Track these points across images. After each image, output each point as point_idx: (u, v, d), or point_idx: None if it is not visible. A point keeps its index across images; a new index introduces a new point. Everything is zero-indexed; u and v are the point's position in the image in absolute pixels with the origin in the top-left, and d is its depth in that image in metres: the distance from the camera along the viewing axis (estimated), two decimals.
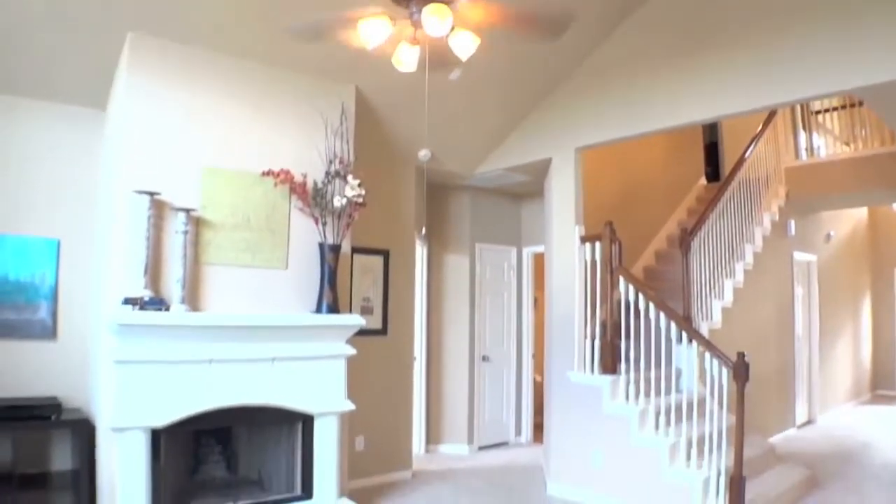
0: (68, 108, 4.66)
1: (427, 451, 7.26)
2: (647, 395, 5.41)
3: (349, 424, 5.15)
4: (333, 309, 4.66)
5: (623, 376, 5.48)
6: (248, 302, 4.52)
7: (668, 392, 5.48)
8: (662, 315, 5.29)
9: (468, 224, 7.54)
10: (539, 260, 7.81)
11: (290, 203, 4.69)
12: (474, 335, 7.52)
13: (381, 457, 6.08)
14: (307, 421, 4.68)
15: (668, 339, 5.31)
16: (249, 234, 4.52)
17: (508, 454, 7.38)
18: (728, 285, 6.83)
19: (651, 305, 5.36)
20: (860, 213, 11.40)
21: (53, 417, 4.19)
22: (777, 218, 7.92)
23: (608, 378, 5.48)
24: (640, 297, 5.42)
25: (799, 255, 8.82)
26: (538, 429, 7.85)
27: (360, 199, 4.68)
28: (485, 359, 7.64)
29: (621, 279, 5.56)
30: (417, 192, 6.51)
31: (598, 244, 5.69)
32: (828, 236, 9.91)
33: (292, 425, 4.72)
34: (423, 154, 5.98)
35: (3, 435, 4.18)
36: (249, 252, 4.51)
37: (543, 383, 6.55)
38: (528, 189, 7.51)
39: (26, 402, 4.22)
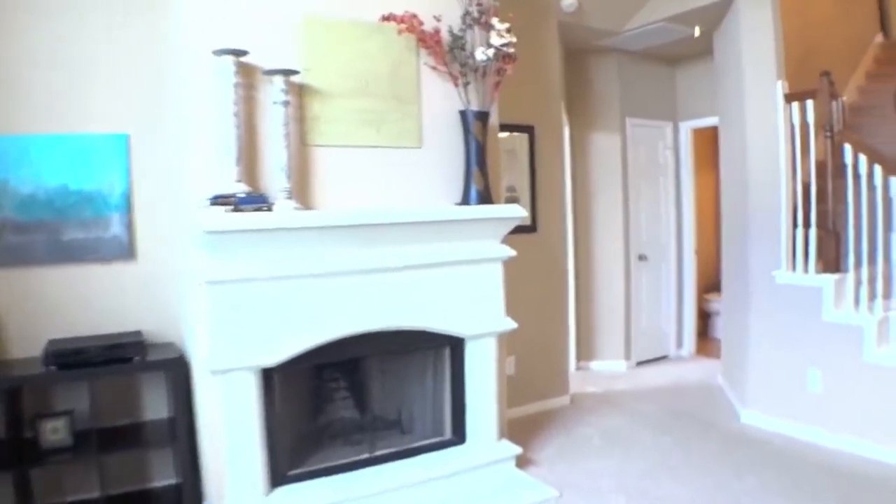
0: None
1: (578, 368, 6.20)
2: (887, 298, 4.12)
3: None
4: (485, 197, 3.51)
5: (851, 275, 4.18)
6: (374, 193, 3.44)
7: None
8: None
9: (617, 95, 6.16)
10: (699, 137, 6.47)
11: (418, 59, 3.50)
12: (629, 230, 6.27)
13: (534, 381, 5.04)
14: (456, 346, 3.65)
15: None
16: (369, 103, 3.37)
17: (672, 371, 6.25)
18: None
19: (894, 182, 3.99)
20: None
21: (137, 359, 3.25)
22: None
23: (831, 278, 4.20)
24: (878, 171, 4.05)
25: None
26: (701, 338, 6.90)
27: (511, 50, 3.45)
28: (641, 258, 6.41)
29: (847, 148, 4.18)
30: (562, 53, 5.19)
31: (809, 103, 4.30)
32: None
33: (438, 352, 3.71)
34: (569, 4, 4.67)
35: (74, 385, 3.32)
36: (371, 126, 3.37)
37: (723, 282, 5.37)
38: (685, 50, 6.08)
39: (102, 342, 3.29)
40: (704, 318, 7.34)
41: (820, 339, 4.24)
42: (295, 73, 3.12)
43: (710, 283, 7.51)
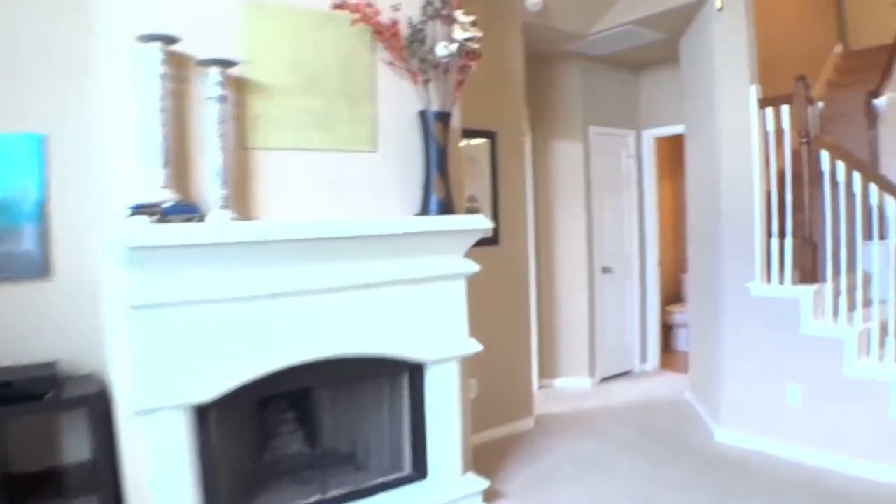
0: None
1: (541, 386, 5.87)
2: (866, 307, 3.94)
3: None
4: (447, 207, 3.17)
5: (829, 285, 3.98)
6: (323, 202, 3.06)
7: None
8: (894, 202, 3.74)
9: (580, 102, 5.88)
10: (663, 146, 6.27)
11: (373, 54, 3.15)
12: (592, 242, 5.99)
13: (497, 403, 4.68)
14: (416, 372, 3.30)
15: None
16: (318, 101, 3.01)
17: (638, 386, 5.99)
18: None
19: (875, 190, 3.81)
20: None
21: (49, 395, 2.80)
22: None
23: (809, 289, 4.00)
24: (857, 177, 3.87)
25: None
26: (664, 351, 6.72)
27: (476, 45, 3.14)
28: (605, 270, 6.14)
29: (824, 154, 3.99)
30: (525, 57, 4.88)
31: (784, 108, 4.10)
32: None
33: (395, 379, 3.35)
34: (533, 3, 4.40)
35: None
36: (320, 127, 3.00)
37: (689, 294, 5.14)
38: (649, 56, 5.87)
39: (8, 376, 2.82)
40: (666, 331, 7.14)
41: (798, 352, 4.05)
42: (233, 64, 2.74)
43: (671, 295, 7.33)
